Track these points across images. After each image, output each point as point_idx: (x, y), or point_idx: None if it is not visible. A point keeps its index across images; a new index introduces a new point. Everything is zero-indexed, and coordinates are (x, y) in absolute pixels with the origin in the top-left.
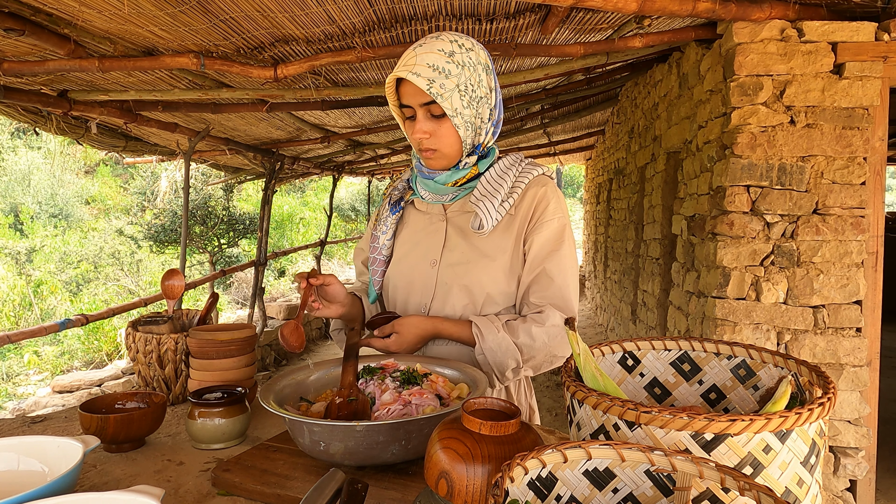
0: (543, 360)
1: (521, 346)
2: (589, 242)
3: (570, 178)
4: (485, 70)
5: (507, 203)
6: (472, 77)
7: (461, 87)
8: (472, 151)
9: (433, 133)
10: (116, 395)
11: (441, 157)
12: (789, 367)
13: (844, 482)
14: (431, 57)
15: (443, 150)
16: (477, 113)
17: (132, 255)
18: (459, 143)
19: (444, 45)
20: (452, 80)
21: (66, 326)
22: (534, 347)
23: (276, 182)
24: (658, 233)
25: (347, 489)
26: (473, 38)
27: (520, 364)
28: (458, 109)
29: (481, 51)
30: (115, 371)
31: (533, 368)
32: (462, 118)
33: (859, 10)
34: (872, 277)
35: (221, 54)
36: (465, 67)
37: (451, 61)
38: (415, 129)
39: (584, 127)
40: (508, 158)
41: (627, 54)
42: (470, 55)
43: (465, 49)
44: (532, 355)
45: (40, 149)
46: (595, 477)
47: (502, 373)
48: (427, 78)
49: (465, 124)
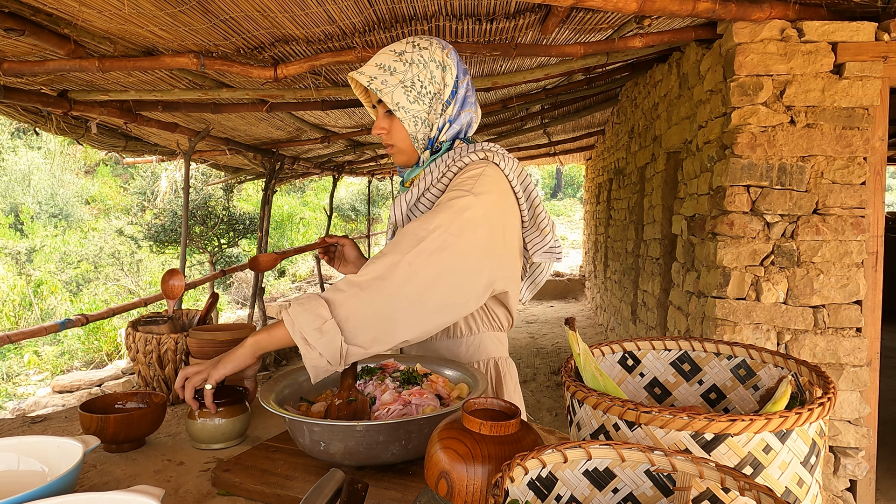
0: (362, 312)
1: (329, 297)
2: (589, 242)
3: (570, 178)
4: (439, 67)
5: (434, 191)
6: (422, 73)
7: (406, 84)
8: (426, 147)
9: (388, 129)
10: (116, 395)
11: (399, 153)
12: (789, 367)
13: (844, 482)
14: (381, 57)
15: (398, 146)
16: (430, 108)
17: (132, 255)
18: (410, 139)
19: (398, 45)
20: (397, 76)
21: (66, 326)
22: (344, 295)
23: (276, 182)
24: (658, 233)
25: (347, 489)
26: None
27: (328, 317)
28: (402, 104)
29: (438, 49)
30: (115, 371)
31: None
32: (407, 112)
33: (859, 10)
34: (872, 277)
35: (221, 54)
36: (414, 64)
37: (399, 59)
38: (375, 126)
39: (584, 127)
40: (457, 149)
41: (627, 54)
42: (423, 53)
43: (419, 48)
44: (343, 304)
45: (40, 149)
46: (595, 477)
47: (311, 335)
48: (369, 75)
49: (411, 119)
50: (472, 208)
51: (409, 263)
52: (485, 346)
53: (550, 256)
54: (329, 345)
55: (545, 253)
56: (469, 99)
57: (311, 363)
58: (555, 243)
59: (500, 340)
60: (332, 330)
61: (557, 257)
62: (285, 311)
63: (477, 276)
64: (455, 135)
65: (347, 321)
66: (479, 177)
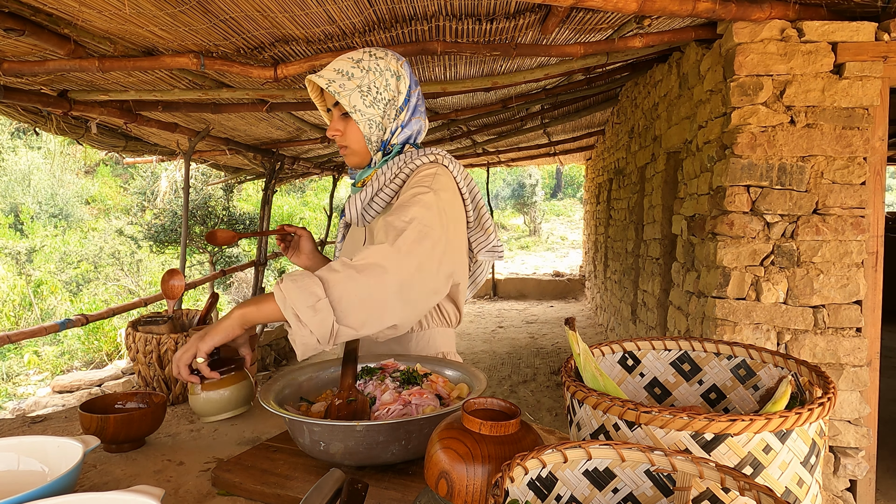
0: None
1: (323, 276)
2: (589, 242)
3: (570, 178)
4: (394, 76)
5: (387, 192)
6: (378, 80)
7: (363, 88)
8: (379, 149)
9: (343, 131)
10: (116, 395)
11: (352, 154)
12: (789, 367)
13: (844, 482)
14: (339, 63)
15: (352, 147)
16: (384, 113)
17: (132, 255)
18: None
19: (355, 54)
20: (354, 81)
21: (66, 326)
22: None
23: (276, 182)
24: (658, 233)
25: (347, 489)
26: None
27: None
28: (358, 107)
29: (393, 59)
30: (115, 371)
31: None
32: (362, 115)
33: (859, 10)
34: (872, 277)
35: (221, 54)
36: (371, 72)
37: (357, 66)
38: (329, 128)
39: (584, 127)
40: (407, 153)
41: (627, 54)
42: (378, 62)
43: (375, 57)
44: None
45: (40, 149)
46: (595, 477)
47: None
48: (328, 79)
49: (366, 121)
50: (436, 203)
51: (398, 251)
52: (434, 341)
53: (493, 255)
54: (321, 324)
55: (488, 252)
56: (419, 108)
57: (302, 340)
58: (497, 243)
59: (448, 336)
60: (325, 309)
61: (499, 256)
62: (277, 287)
63: (445, 266)
64: (406, 139)
65: (341, 301)
66: (434, 176)
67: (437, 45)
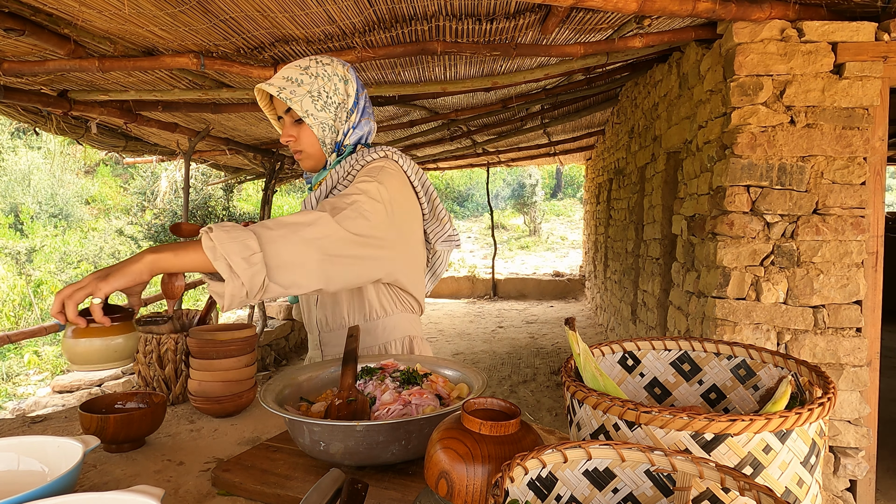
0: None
1: (257, 231)
2: (589, 242)
3: (570, 178)
4: (342, 81)
5: (339, 190)
6: (327, 85)
7: (313, 94)
8: (333, 150)
9: (297, 136)
10: (116, 395)
11: (308, 158)
12: (789, 367)
13: (844, 482)
14: (288, 71)
15: (307, 151)
16: (335, 116)
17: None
18: (319, 143)
19: (302, 62)
20: (304, 87)
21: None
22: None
23: (276, 182)
24: (658, 233)
25: (347, 489)
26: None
27: (258, 250)
28: (310, 111)
29: (339, 65)
30: (115, 371)
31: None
32: (315, 119)
33: (859, 10)
34: (872, 277)
35: (221, 54)
36: (319, 77)
37: (305, 73)
38: (283, 134)
39: (584, 127)
40: (359, 152)
41: (627, 54)
42: (326, 68)
43: (321, 63)
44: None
45: (40, 149)
46: (595, 477)
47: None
48: (278, 86)
49: (319, 125)
50: (379, 192)
51: (333, 221)
52: (399, 326)
53: (450, 244)
54: (254, 277)
55: (445, 241)
56: (367, 110)
57: (232, 292)
58: (452, 232)
59: (413, 321)
60: (258, 262)
61: (456, 244)
62: (206, 236)
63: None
64: (358, 140)
65: (274, 258)
66: (381, 169)
67: (437, 45)
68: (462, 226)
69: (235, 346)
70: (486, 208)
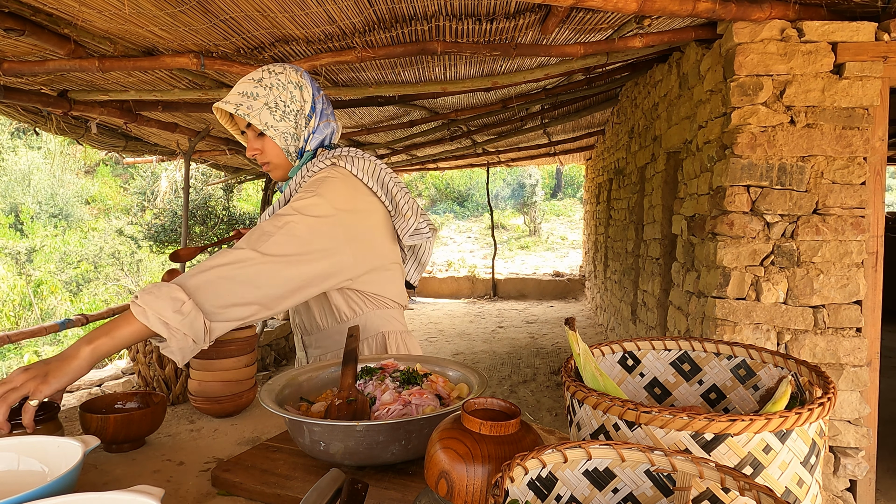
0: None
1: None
2: (589, 242)
3: (570, 178)
4: (297, 87)
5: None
6: (283, 94)
7: (270, 105)
8: (297, 157)
9: (262, 149)
10: (116, 395)
11: (276, 168)
12: (789, 367)
13: (844, 482)
14: (243, 86)
15: (274, 162)
16: (295, 123)
17: (132, 255)
18: (284, 153)
19: (255, 73)
20: (260, 100)
21: (66, 326)
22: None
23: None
24: (658, 233)
25: (347, 489)
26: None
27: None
28: (270, 123)
29: (293, 72)
30: (115, 371)
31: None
32: (276, 130)
33: (859, 10)
34: (872, 277)
35: (221, 54)
36: (274, 87)
37: (259, 85)
38: (248, 149)
39: (584, 127)
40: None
41: (627, 54)
42: (279, 77)
43: (273, 73)
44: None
45: (40, 149)
46: (595, 477)
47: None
48: (235, 103)
49: (280, 135)
50: (318, 206)
51: (261, 254)
52: (371, 323)
53: (419, 237)
54: (193, 323)
55: (412, 236)
56: (326, 111)
57: (178, 345)
58: (418, 225)
59: (387, 317)
60: (191, 309)
61: (427, 236)
62: (133, 304)
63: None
64: (319, 143)
65: (205, 302)
66: (323, 180)
67: (437, 45)
68: (462, 226)
69: (235, 346)
70: (486, 208)
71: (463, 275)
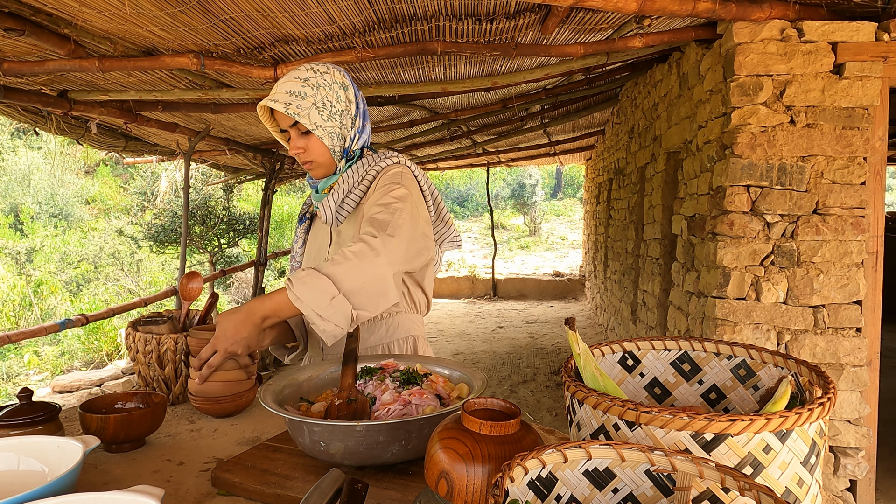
0: (362, 281)
1: (330, 273)
2: (589, 242)
3: (570, 178)
4: (341, 87)
5: (356, 193)
6: (329, 94)
7: (318, 105)
8: (343, 156)
9: (306, 148)
10: (116, 395)
11: (318, 167)
12: (789, 367)
13: (844, 482)
14: (289, 84)
15: (318, 160)
16: (341, 123)
17: (132, 255)
18: (329, 152)
19: (300, 73)
20: (309, 99)
21: (66, 326)
22: (342, 270)
23: (276, 182)
24: (658, 233)
25: (347, 489)
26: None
27: (336, 293)
28: (318, 123)
29: (336, 72)
30: (115, 371)
31: (358, 297)
32: (324, 130)
33: (859, 10)
34: (872, 277)
35: (221, 54)
36: (321, 88)
37: (306, 84)
38: (291, 147)
39: (584, 127)
40: (368, 157)
41: (627, 54)
42: (325, 77)
43: (319, 73)
44: (344, 278)
45: (40, 149)
46: (595, 477)
47: (324, 311)
48: (284, 102)
49: (328, 135)
50: (409, 196)
51: (387, 239)
52: (403, 325)
53: (454, 244)
54: (343, 316)
55: (449, 242)
56: (367, 113)
57: (329, 332)
58: (456, 233)
59: (417, 321)
60: (342, 303)
61: (458, 245)
62: (289, 290)
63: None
64: (364, 143)
65: (353, 293)
66: (402, 174)
67: (437, 45)
68: (462, 226)
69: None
70: (486, 208)
71: (463, 275)
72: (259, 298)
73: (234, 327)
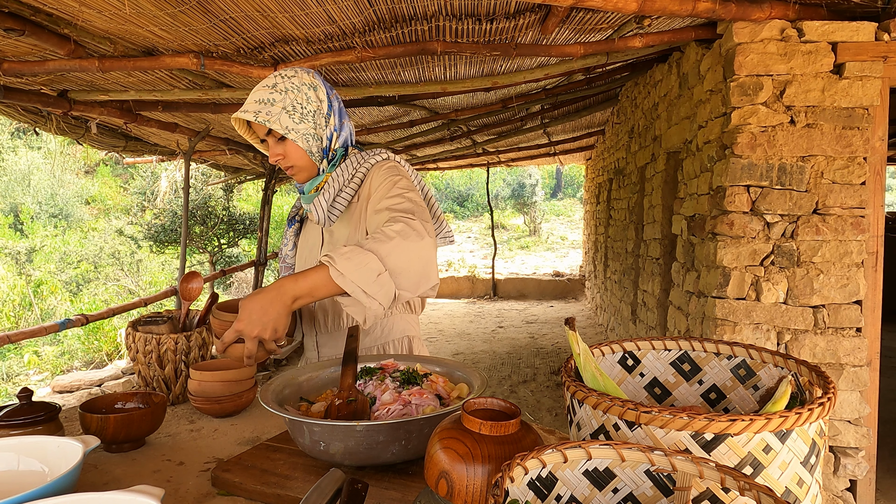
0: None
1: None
2: (589, 242)
3: (570, 178)
4: (310, 88)
5: (347, 192)
6: (298, 97)
7: (288, 109)
8: (323, 157)
9: (284, 154)
10: (116, 395)
11: (300, 171)
12: (789, 367)
13: (844, 482)
14: (258, 93)
15: (297, 164)
16: (315, 124)
17: (132, 255)
18: (307, 154)
19: (268, 80)
20: (278, 105)
21: (66, 326)
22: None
23: (276, 182)
24: (658, 233)
25: (347, 489)
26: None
27: (382, 270)
28: (290, 127)
29: (305, 74)
30: (115, 371)
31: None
32: (297, 133)
33: (859, 10)
34: (872, 277)
35: (221, 54)
36: (289, 91)
37: (275, 91)
38: (270, 155)
39: (584, 127)
40: (354, 155)
41: (627, 54)
42: (292, 80)
43: (286, 77)
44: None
45: (40, 149)
46: (595, 477)
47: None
48: (253, 111)
49: (302, 137)
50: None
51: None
52: (398, 326)
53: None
54: (387, 294)
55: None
56: (342, 110)
57: (373, 312)
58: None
59: (412, 321)
60: (387, 281)
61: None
62: (332, 267)
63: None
64: (345, 141)
65: (398, 271)
66: (397, 167)
67: (437, 45)
68: (462, 226)
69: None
70: (486, 208)
71: (463, 275)
72: (290, 277)
73: (262, 308)
